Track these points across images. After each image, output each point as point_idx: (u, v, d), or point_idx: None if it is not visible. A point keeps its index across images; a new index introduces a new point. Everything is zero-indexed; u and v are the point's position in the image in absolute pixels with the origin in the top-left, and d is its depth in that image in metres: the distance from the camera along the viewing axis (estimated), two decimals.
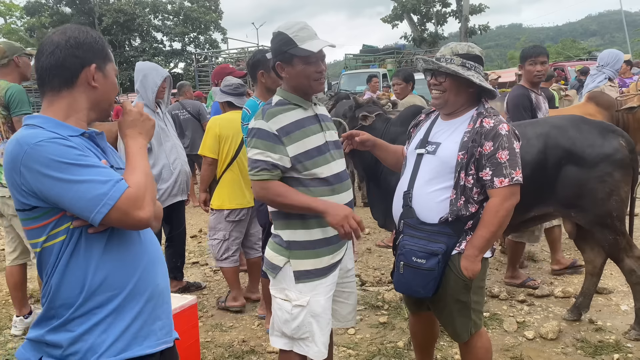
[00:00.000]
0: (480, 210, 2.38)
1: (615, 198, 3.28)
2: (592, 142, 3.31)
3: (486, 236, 2.33)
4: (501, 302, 4.21)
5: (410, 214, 2.46)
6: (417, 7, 26.08)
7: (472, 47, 2.45)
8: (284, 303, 2.36)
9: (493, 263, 5.13)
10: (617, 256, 3.40)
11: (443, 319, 2.55)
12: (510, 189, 2.30)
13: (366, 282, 4.80)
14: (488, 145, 2.31)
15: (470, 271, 2.35)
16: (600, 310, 3.98)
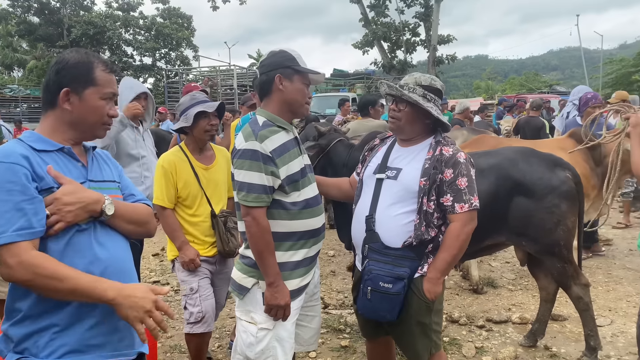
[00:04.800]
0: (440, 235, 2.47)
1: (562, 228, 3.44)
2: (540, 175, 3.48)
3: (448, 259, 2.42)
4: (461, 327, 4.30)
5: (375, 238, 2.51)
6: (387, 35, 26.66)
7: (434, 80, 2.57)
8: (250, 326, 2.36)
9: (454, 288, 5.24)
10: (565, 283, 3.55)
11: (404, 342, 2.60)
12: (469, 214, 2.41)
13: (329, 305, 4.82)
14: (448, 172, 2.41)
15: (433, 293, 2.43)
16: (555, 336, 4.11)
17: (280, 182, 2.29)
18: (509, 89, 44.57)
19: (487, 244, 3.72)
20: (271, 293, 2.28)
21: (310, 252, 2.44)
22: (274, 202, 2.31)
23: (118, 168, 1.94)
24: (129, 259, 1.81)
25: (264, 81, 2.39)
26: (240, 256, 2.48)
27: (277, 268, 2.29)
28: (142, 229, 1.85)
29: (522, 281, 5.37)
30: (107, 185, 1.80)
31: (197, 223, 3.23)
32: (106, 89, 1.74)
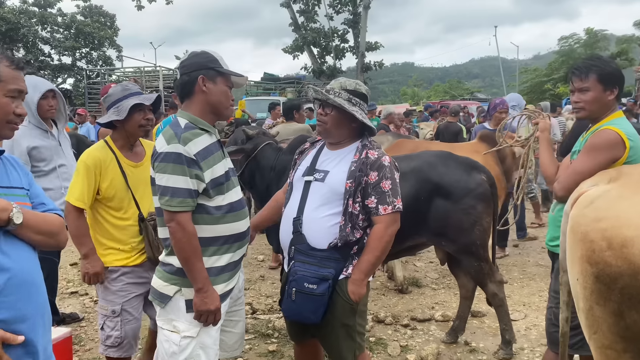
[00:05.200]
0: (365, 236, 2.52)
1: (478, 228, 3.62)
2: (458, 178, 3.65)
3: (372, 260, 2.47)
4: (386, 326, 4.40)
5: (301, 239, 2.53)
6: (317, 40, 26.92)
7: (359, 85, 2.62)
8: (172, 335, 2.29)
9: (380, 289, 5.36)
10: (482, 281, 3.73)
11: (329, 344, 2.62)
12: (392, 215, 2.47)
13: (257, 310, 4.77)
14: (373, 175, 2.47)
15: (357, 295, 2.46)
16: (475, 332, 4.30)
17: (204, 185, 2.24)
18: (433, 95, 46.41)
19: (409, 245, 3.84)
20: (201, 299, 2.23)
21: (235, 256, 2.41)
22: (197, 206, 2.26)
23: (28, 175, 1.82)
24: (37, 271, 1.70)
25: (186, 82, 2.33)
26: (161, 263, 2.40)
27: (206, 273, 2.24)
28: (52, 240, 1.75)
29: (445, 280, 5.58)
30: (14, 192, 1.69)
31: (125, 227, 2.91)
32: (11, 85, 1.65)
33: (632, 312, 1.68)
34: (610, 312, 1.74)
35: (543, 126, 3.02)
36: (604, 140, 2.42)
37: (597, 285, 1.78)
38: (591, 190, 1.99)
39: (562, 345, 2.25)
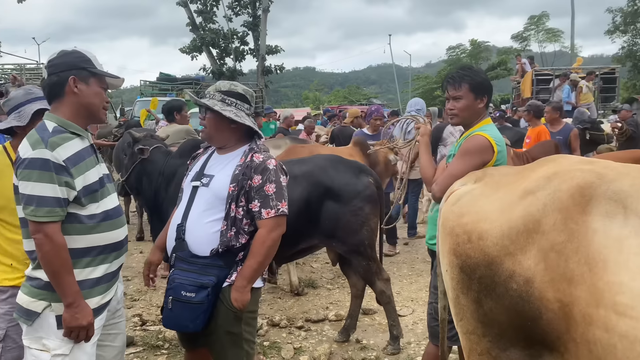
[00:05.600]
0: (251, 241, 2.49)
1: (366, 229, 3.76)
2: (347, 181, 3.77)
3: (254, 266, 2.43)
4: (281, 330, 4.40)
5: (183, 246, 2.46)
6: (216, 41, 26.43)
7: (235, 85, 2.60)
8: (42, 354, 2.12)
9: (276, 292, 5.36)
10: (370, 279, 3.87)
11: (215, 353, 2.56)
12: (276, 219, 2.45)
13: (147, 321, 4.57)
14: (257, 178, 2.44)
15: (240, 302, 2.41)
16: (366, 329, 4.43)
17: (75, 193, 2.11)
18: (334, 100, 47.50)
19: (302, 247, 3.90)
20: (71, 314, 2.08)
21: (112, 267, 2.28)
22: (68, 215, 2.12)
23: None
24: None
25: (55, 82, 2.18)
26: (27, 278, 2.21)
27: (77, 286, 2.10)
28: None
29: (340, 280, 5.71)
30: None
31: (20, 241, 2.46)
32: None
33: (487, 299, 1.81)
34: (472, 300, 1.87)
35: (423, 131, 3.17)
36: (475, 145, 2.60)
37: (461, 275, 1.91)
38: (460, 190, 2.14)
39: (441, 331, 2.38)
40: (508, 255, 1.76)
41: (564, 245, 1.64)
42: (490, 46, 41.51)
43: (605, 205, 1.61)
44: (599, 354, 1.55)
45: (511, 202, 1.83)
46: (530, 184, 1.82)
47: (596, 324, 1.55)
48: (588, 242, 1.60)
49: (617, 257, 1.54)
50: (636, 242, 1.53)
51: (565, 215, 1.66)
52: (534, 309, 1.69)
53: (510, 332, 1.80)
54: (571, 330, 1.62)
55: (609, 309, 1.52)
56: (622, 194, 1.60)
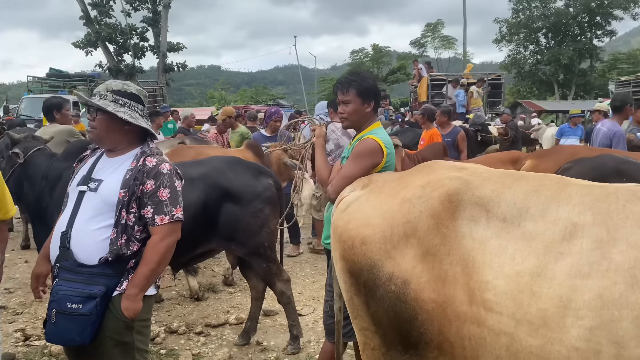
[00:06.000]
0: (143, 248, 2.40)
1: (266, 230, 3.77)
2: (246, 182, 3.76)
3: (147, 274, 2.35)
4: (179, 336, 4.29)
5: (67, 255, 2.33)
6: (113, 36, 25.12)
7: (127, 85, 2.50)
8: None
9: (175, 298, 5.22)
10: (270, 281, 3.89)
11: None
12: (171, 226, 2.38)
13: (32, 335, 4.24)
14: (150, 183, 2.36)
15: (132, 311, 2.32)
16: (267, 331, 4.44)
17: None
18: (240, 99, 46.98)
19: (200, 252, 3.83)
20: None
21: None
22: None
23: None
24: None
25: None
26: None
27: None
28: None
29: (242, 283, 5.65)
30: None
31: None
32: None
33: (372, 302, 1.92)
34: (362, 301, 1.97)
35: (319, 133, 3.24)
36: (366, 147, 2.70)
37: (351, 279, 2.00)
38: (349, 196, 2.23)
39: (337, 332, 2.48)
40: (389, 259, 1.87)
41: (438, 249, 1.77)
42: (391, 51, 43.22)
43: (471, 210, 1.76)
44: (472, 348, 1.69)
45: (392, 208, 1.94)
46: (408, 192, 1.94)
47: (470, 320, 1.70)
48: (458, 244, 1.74)
49: (483, 258, 1.69)
50: (497, 243, 1.68)
51: (438, 221, 1.79)
52: (409, 309, 1.81)
53: (391, 334, 1.91)
54: (445, 329, 1.74)
55: (479, 306, 1.67)
56: (484, 199, 1.76)
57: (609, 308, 1.47)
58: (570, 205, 1.64)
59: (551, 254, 1.59)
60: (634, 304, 1.45)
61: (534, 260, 1.60)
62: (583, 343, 1.49)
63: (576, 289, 1.52)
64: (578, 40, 35.49)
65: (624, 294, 1.46)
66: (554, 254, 1.59)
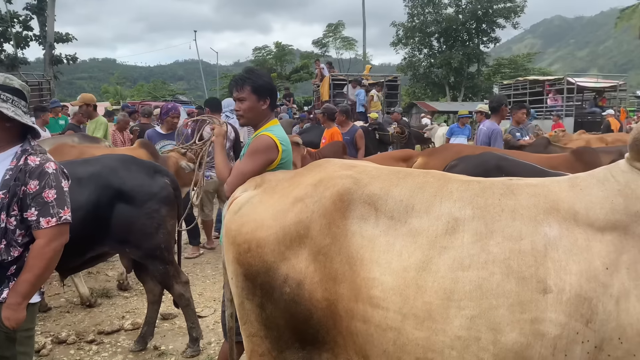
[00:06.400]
0: (26, 254, 2.23)
1: (163, 231, 3.65)
2: (141, 182, 3.61)
3: (32, 280, 2.20)
4: (69, 346, 4.04)
5: None
6: None
7: (10, 79, 2.33)
8: None
9: (64, 306, 4.90)
10: (168, 283, 3.77)
11: None
12: (58, 228, 2.25)
13: None
14: (33, 184, 2.21)
15: (14, 321, 2.17)
16: (165, 335, 4.30)
17: None
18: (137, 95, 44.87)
19: (91, 256, 3.63)
20: None
21: None
22: None
23: None
24: None
25: None
26: None
27: None
28: None
29: (138, 286, 5.43)
30: None
31: None
32: None
33: (268, 304, 1.91)
34: (256, 305, 1.95)
35: (218, 132, 3.20)
36: (261, 144, 2.70)
37: (245, 283, 1.97)
38: (241, 197, 2.18)
39: (229, 339, 2.43)
40: (283, 260, 1.87)
41: (329, 248, 1.80)
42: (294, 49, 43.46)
43: (361, 209, 1.81)
44: (361, 343, 1.75)
45: (284, 209, 1.93)
46: (300, 191, 1.95)
47: (356, 317, 1.74)
48: (348, 243, 1.78)
49: (371, 255, 1.74)
50: (385, 240, 1.74)
51: (329, 220, 1.82)
52: (305, 310, 1.83)
53: (287, 335, 1.92)
54: (337, 325, 1.79)
55: (365, 303, 1.71)
56: (373, 197, 1.82)
57: (487, 297, 1.57)
58: (452, 201, 1.74)
59: (435, 248, 1.67)
60: (509, 292, 1.56)
61: (419, 255, 1.68)
62: (464, 332, 1.58)
63: (458, 281, 1.61)
64: (467, 45, 37.94)
65: (501, 283, 1.57)
66: (437, 248, 1.67)
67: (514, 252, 1.60)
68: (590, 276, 1.52)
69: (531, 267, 1.57)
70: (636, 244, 1.53)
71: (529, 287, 1.55)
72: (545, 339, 1.52)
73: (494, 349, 1.55)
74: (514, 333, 1.54)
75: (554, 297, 1.53)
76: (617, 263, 1.52)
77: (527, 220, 1.64)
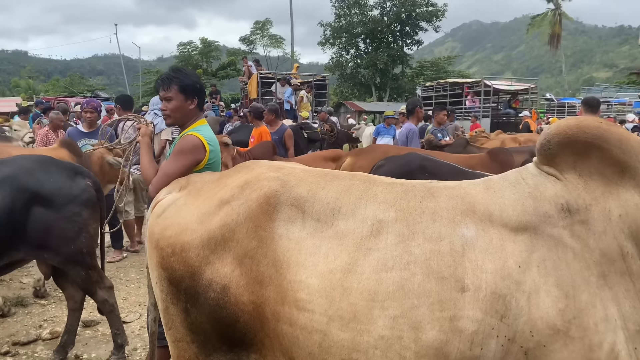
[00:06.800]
0: None
1: (84, 235, 3.50)
2: (61, 184, 3.45)
3: None
4: None
5: None
6: None
7: None
8: None
9: None
10: (91, 289, 3.63)
11: None
12: None
13: None
14: None
15: None
16: (87, 343, 4.13)
17: None
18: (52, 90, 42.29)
19: (5, 264, 3.42)
20: None
21: None
22: None
23: None
24: None
25: None
26: None
27: None
28: None
29: (57, 293, 5.16)
30: None
31: None
32: None
33: (193, 309, 1.89)
34: (181, 310, 1.93)
35: (144, 131, 3.11)
36: (188, 144, 2.66)
37: (170, 287, 1.94)
38: (165, 200, 2.14)
39: (151, 345, 2.38)
40: (208, 264, 1.85)
41: (255, 251, 1.80)
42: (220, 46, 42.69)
43: (288, 211, 1.83)
44: (287, 345, 1.76)
45: (209, 211, 1.92)
46: (226, 194, 1.93)
47: (282, 319, 1.75)
48: (274, 246, 1.79)
49: (298, 258, 1.76)
50: (312, 242, 1.77)
51: (256, 223, 1.82)
52: (231, 314, 1.82)
53: (214, 338, 1.90)
54: (264, 327, 1.80)
55: (292, 306, 1.73)
56: (300, 199, 1.84)
57: (409, 297, 1.64)
58: (377, 204, 1.80)
59: (361, 250, 1.72)
60: (429, 292, 1.63)
61: (345, 257, 1.72)
62: (388, 331, 1.63)
63: (382, 282, 1.67)
64: (391, 47, 38.99)
65: (422, 283, 1.64)
66: (363, 250, 1.72)
67: (434, 252, 1.68)
68: (505, 274, 1.63)
69: (450, 267, 1.65)
70: (545, 243, 1.66)
71: (448, 286, 1.63)
72: (463, 335, 1.60)
73: (415, 347, 1.62)
74: (434, 330, 1.61)
75: (471, 295, 1.62)
76: (529, 261, 1.64)
77: (446, 221, 1.73)
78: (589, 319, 1.59)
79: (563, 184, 1.72)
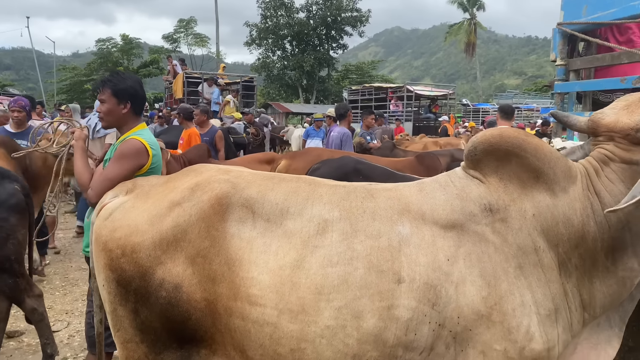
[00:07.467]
0: None
1: (12, 242, 3.38)
2: None
3: None
4: None
5: None
6: None
7: None
8: None
9: None
10: (19, 298, 3.50)
11: None
12: None
13: None
14: None
15: None
16: (12, 354, 3.97)
17: None
18: None
19: None
20: None
21: None
22: None
23: None
24: None
25: None
26: None
27: None
28: None
29: None
30: None
31: None
32: None
33: (143, 308, 1.94)
34: (130, 310, 1.96)
35: (78, 135, 3.05)
36: (131, 148, 2.66)
37: (118, 289, 1.97)
38: (111, 203, 2.15)
39: (98, 346, 2.39)
40: (159, 265, 1.91)
41: (208, 250, 1.88)
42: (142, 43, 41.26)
43: (239, 212, 1.93)
44: (239, 339, 1.87)
45: (160, 213, 1.97)
46: (177, 195, 2.00)
47: (235, 314, 1.85)
48: (227, 245, 1.89)
49: (249, 256, 1.87)
50: (262, 241, 1.89)
51: (208, 224, 1.91)
52: (183, 311, 1.89)
53: (164, 336, 1.96)
54: (217, 322, 1.89)
55: (244, 301, 1.84)
56: (250, 200, 1.95)
57: (352, 290, 1.79)
58: (322, 204, 1.94)
59: (308, 247, 1.85)
60: (370, 284, 1.80)
61: (294, 254, 1.85)
62: (333, 321, 1.78)
63: (327, 276, 1.81)
64: (318, 50, 39.52)
65: (363, 277, 1.80)
66: (310, 247, 1.85)
67: (374, 248, 1.84)
68: (436, 267, 1.82)
69: (388, 261, 1.82)
70: (470, 239, 1.87)
71: (387, 279, 1.80)
72: (399, 322, 1.78)
73: (357, 334, 1.78)
74: (374, 319, 1.78)
75: (407, 286, 1.80)
76: (456, 255, 1.84)
77: (384, 220, 1.90)
78: (508, 305, 1.81)
79: (486, 186, 1.94)
